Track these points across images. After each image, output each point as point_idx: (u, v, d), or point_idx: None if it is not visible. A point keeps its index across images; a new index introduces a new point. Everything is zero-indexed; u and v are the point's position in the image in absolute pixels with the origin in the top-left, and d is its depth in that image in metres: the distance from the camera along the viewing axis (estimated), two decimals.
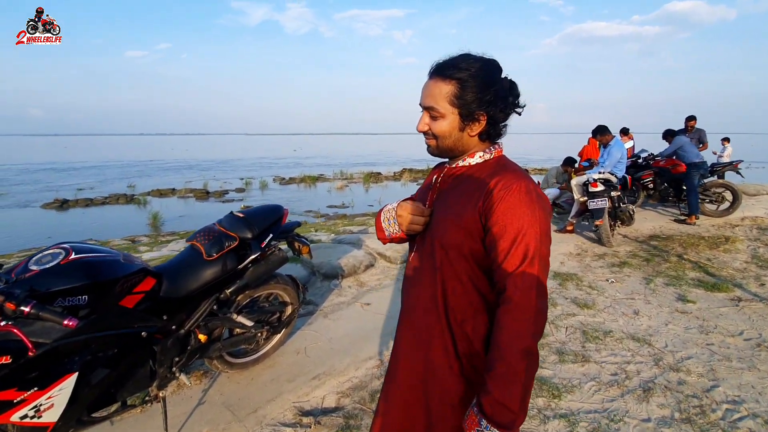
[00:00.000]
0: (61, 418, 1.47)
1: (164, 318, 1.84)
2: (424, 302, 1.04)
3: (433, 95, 0.99)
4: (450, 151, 1.04)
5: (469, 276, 0.97)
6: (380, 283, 3.92)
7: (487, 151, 1.04)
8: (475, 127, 1.00)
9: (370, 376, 2.44)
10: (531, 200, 0.92)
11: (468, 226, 0.95)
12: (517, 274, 0.88)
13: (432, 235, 1.03)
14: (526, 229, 0.89)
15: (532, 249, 0.89)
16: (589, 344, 2.79)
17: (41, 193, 15.66)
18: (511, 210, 0.90)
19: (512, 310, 0.87)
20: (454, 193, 1.02)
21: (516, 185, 0.92)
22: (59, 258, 1.51)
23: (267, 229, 2.25)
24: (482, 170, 1.01)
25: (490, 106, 0.97)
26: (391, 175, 21.09)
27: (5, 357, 1.27)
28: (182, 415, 2.09)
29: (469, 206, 0.96)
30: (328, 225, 7.63)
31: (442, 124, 1.00)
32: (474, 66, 0.97)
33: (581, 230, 5.95)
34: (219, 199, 14.76)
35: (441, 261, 0.99)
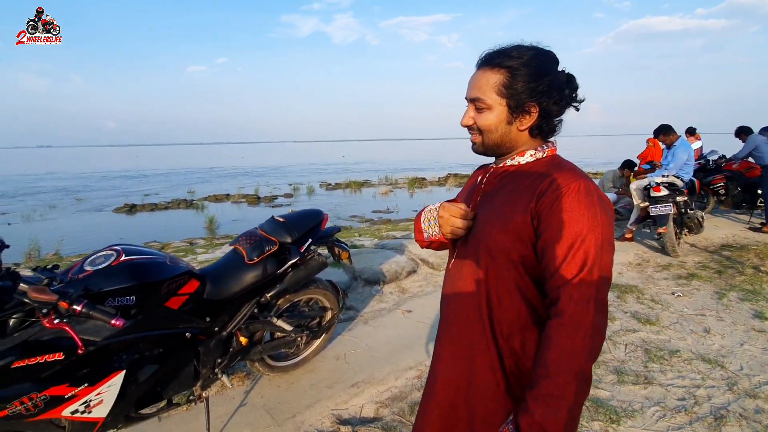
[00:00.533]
0: (110, 414, 1.54)
1: (207, 320, 1.89)
2: (466, 314, 0.95)
3: (479, 86, 0.91)
4: (497, 147, 0.96)
5: (517, 285, 0.89)
6: (422, 290, 3.84)
7: (539, 150, 0.95)
8: (525, 120, 0.92)
9: (410, 386, 2.36)
10: (591, 202, 0.82)
11: (517, 229, 0.86)
12: (573, 284, 0.78)
13: (476, 239, 0.94)
14: (585, 234, 0.80)
15: (591, 257, 0.79)
16: (652, 364, 2.53)
17: (114, 198, 17.10)
18: (568, 212, 0.81)
19: (565, 325, 0.78)
20: (502, 194, 0.93)
21: (574, 185, 0.83)
22: (111, 259, 1.59)
23: (306, 233, 2.26)
24: (534, 169, 0.92)
25: (542, 96, 0.89)
26: (436, 180, 20.88)
27: (58, 354, 1.34)
28: (224, 415, 2.13)
29: (519, 208, 0.87)
30: (371, 230, 7.64)
31: (488, 117, 0.92)
32: (526, 54, 0.89)
33: (642, 238, 5.52)
34: (269, 204, 15.33)
35: (486, 268, 0.91)
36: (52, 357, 1.34)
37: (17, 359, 1.28)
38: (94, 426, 1.52)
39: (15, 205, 15.95)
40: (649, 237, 5.49)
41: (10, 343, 1.30)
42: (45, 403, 1.36)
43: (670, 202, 4.68)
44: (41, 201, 16.81)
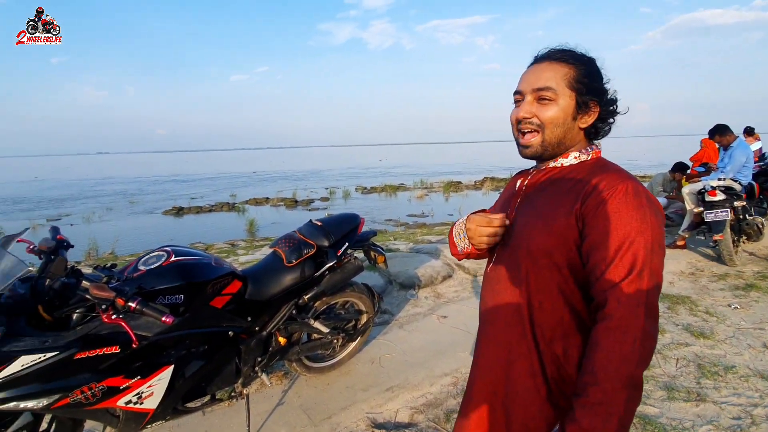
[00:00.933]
0: (159, 406, 1.63)
1: (249, 319, 1.96)
2: (505, 316, 0.94)
3: (547, 76, 0.89)
4: (557, 145, 0.92)
5: (560, 289, 0.86)
6: (458, 296, 3.79)
7: (584, 152, 0.93)
8: (587, 118, 0.91)
9: (445, 393, 2.34)
10: (640, 203, 0.80)
11: (561, 231, 0.84)
12: (622, 287, 0.75)
13: (517, 242, 0.92)
14: (634, 235, 0.77)
15: (641, 259, 0.76)
16: (705, 380, 2.37)
17: (163, 202, 18.10)
18: (616, 213, 0.79)
19: (613, 329, 0.75)
20: (544, 195, 0.92)
21: (622, 185, 0.81)
22: (162, 260, 1.69)
23: (343, 237, 2.29)
24: (578, 171, 0.90)
25: (604, 96, 0.91)
26: (472, 184, 20.57)
27: (115, 347, 1.44)
28: (263, 413, 2.20)
29: (563, 209, 0.85)
30: (406, 234, 7.64)
31: (553, 109, 0.89)
32: (585, 56, 0.92)
33: (695, 246, 5.18)
34: (306, 207, 15.69)
35: (527, 271, 0.89)
36: (109, 350, 1.43)
37: (79, 351, 1.39)
38: (145, 417, 1.61)
39: (77, 207, 17.28)
40: (703, 245, 5.14)
41: (73, 336, 1.41)
42: (102, 393, 1.46)
43: (727, 207, 4.36)
44: (100, 204, 18.12)
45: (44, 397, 1.36)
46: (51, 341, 1.36)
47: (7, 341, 1.30)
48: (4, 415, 1.43)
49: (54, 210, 16.72)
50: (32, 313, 1.42)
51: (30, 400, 1.35)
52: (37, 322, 1.42)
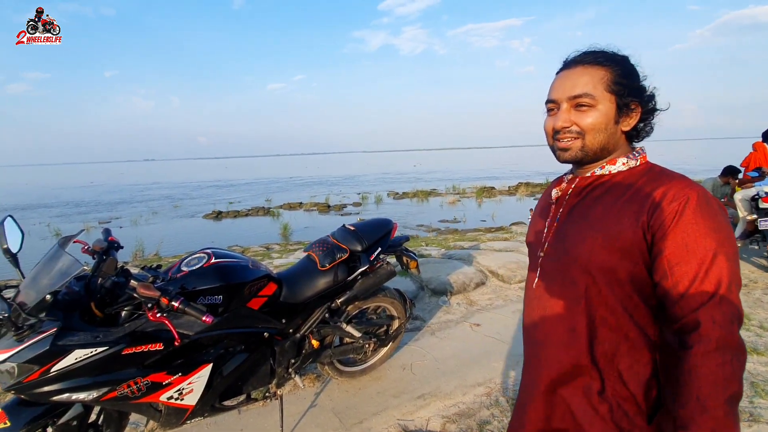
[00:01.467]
0: (198, 402, 1.69)
1: (283, 321, 2.00)
2: (559, 336, 0.88)
3: (583, 82, 0.85)
4: (600, 150, 0.87)
5: (624, 306, 0.81)
6: (491, 303, 3.71)
7: (632, 157, 0.88)
8: (629, 120, 0.87)
9: (478, 404, 2.28)
10: (715, 213, 0.76)
11: (626, 246, 0.79)
12: (713, 305, 0.71)
13: (570, 257, 0.87)
14: (716, 248, 0.73)
15: (726, 272, 0.73)
16: (759, 400, 2.19)
17: (205, 206, 18.90)
18: (694, 226, 0.74)
19: (713, 352, 0.70)
20: (598, 206, 0.85)
21: (693, 195, 0.76)
22: (203, 261, 1.76)
23: (376, 242, 2.30)
24: (632, 178, 0.85)
25: (643, 95, 0.86)
26: (506, 189, 20.14)
27: (159, 344, 1.51)
28: (296, 414, 2.23)
29: (627, 222, 0.80)
30: (438, 240, 7.57)
31: (594, 115, 0.85)
32: (619, 55, 0.87)
33: (748, 255, 4.82)
34: (338, 212, 15.90)
35: (586, 288, 0.84)
36: (154, 347, 1.51)
37: (127, 347, 1.46)
38: (185, 412, 1.67)
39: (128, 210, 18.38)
40: (757, 254, 4.78)
41: (121, 332, 1.49)
42: (147, 388, 1.53)
43: None
44: (148, 207, 19.21)
45: (94, 389, 1.45)
46: (102, 336, 1.45)
47: (63, 335, 1.39)
48: (56, 406, 1.53)
49: (108, 213, 17.88)
50: (85, 309, 1.52)
51: (81, 392, 1.43)
52: (89, 317, 1.52)
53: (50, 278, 1.46)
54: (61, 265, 1.49)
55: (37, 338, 1.34)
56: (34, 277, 1.45)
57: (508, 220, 11.38)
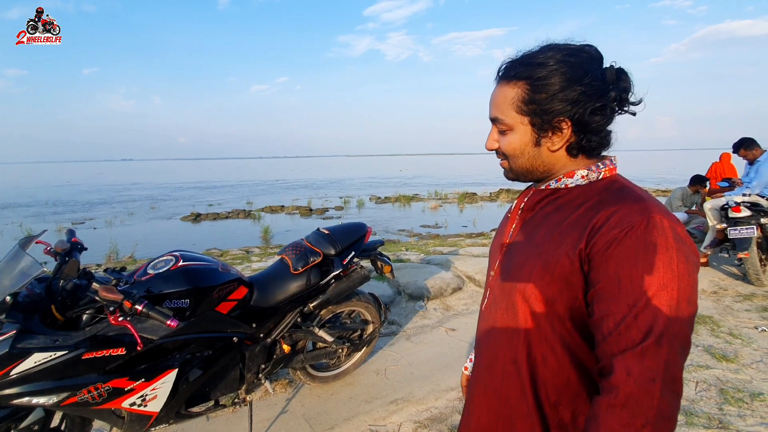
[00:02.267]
0: (163, 409, 1.65)
1: (253, 326, 1.98)
2: (502, 365, 0.79)
3: (497, 103, 0.77)
4: (528, 173, 0.80)
5: (565, 343, 0.72)
6: (467, 308, 3.74)
7: (593, 169, 0.76)
8: (557, 139, 0.75)
9: (450, 408, 2.30)
10: (666, 244, 0.63)
11: (564, 276, 0.69)
12: (633, 355, 0.61)
13: (511, 280, 0.78)
14: (654, 289, 0.62)
15: (661, 320, 0.61)
16: (728, 407, 2.27)
17: (183, 207, 18.52)
18: (631, 258, 0.63)
19: (619, 407, 0.61)
20: (544, 226, 0.76)
21: (641, 219, 0.65)
22: (170, 264, 1.73)
23: (350, 246, 2.31)
24: (585, 195, 0.74)
25: (575, 106, 0.71)
26: (487, 195, 20.42)
27: (121, 349, 1.47)
28: (266, 420, 2.20)
29: (566, 248, 0.70)
30: (419, 244, 7.61)
31: (511, 140, 0.78)
32: (554, 58, 0.72)
33: (718, 263, 5.01)
34: (320, 215, 15.82)
35: (525, 317, 0.75)
36: (115, 351, 1.47)
37: (87, 351, 1.42)
38: (149, 419, 1.64)
39: (106, 211, 17.87)
40: (727, 262, 4.98)
41: (82, 336, 1.45)
42: (108, 394, 1.49)
43: (753, 223, 4.22)
44: (129, 208, 18.73)
45: (54, 394, 1.41)
46: (62, 340, 1.41)
47: (23, 338, 1.35)
48: (18, 410, 1.48)
49: (83, 213, 17.34)
50: (46, 312, 1.47)
51: (41, 396, 1.39)
52: (50, 320, 1.47)
53: (10, 279, 1.42)
54: (21, 266, 1.44)
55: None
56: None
57: (489, 226, 11.53)
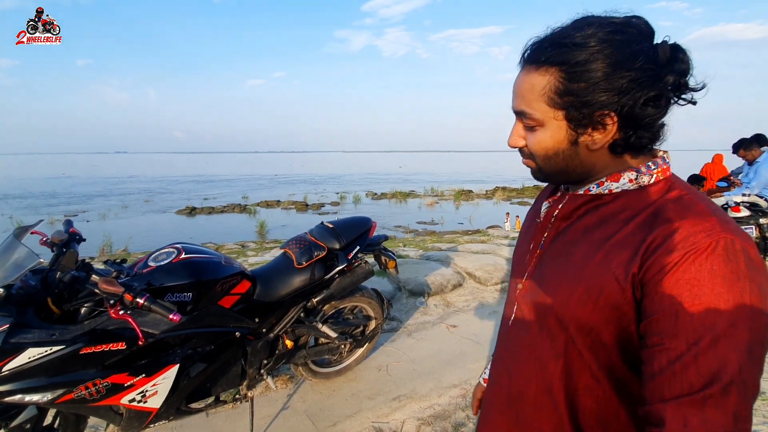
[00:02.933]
0: (163, 405, 1.61)
1: (256, 320, 1.93)
2: (534, 395, 0.69)
3: (522, 94, 0.63)
4: (562, 174, 0.67)
5: (613, 376, 0.61)
6: (468, 305, 3.72)
7: (643, 171, 0.62)
8: (598, 136, 0.61)
9: (453, 405, 2.27)
10: (738, 272, 0.51)
11: (611, 304, 0.58)
12: (692, 402, 0.49)
13: (546, 303, 0.66)
14: (722, 326, 0.50)
15: (731, 366, 0.49)
16: None
17: (179, 201, 18.36)
18: (694, 287, 0.51)
19: None
20: (584, 242, 0.63)
21: (708, 240, 0.52)
22: (172, 257, 1.68)
23: (354, 240, 2.26)
24: (635, 205, 0.61)
25: (623, 97, 0.57)
26: (483, 193, 20.44)
27: (121, 343, 1.42)
28: (267, 417, 2.16)
29: (614, 271, 0.58)
30: (416, 241, 7.58)
31: (541, 137, 0.64)
32: (595, 36, 0.58)
33: None
34: (316, 211, 15.76)
35: (565, 344, 0.64)
36: (115, 346, 1.42)
37: (85, 346, 1.37)
38: (149, 415, 1.59)
39: (103, 203, 17.67)
40: None
41: (80, 330, 1.39)
42: (107, 390, 1.44)
43: (751, 224, 4.23)
44: (127, 201, 18.54)
45: (49, 391, 1.35)
46: (58, 334, 1.35)
47: (16, 332, 1.29)
48: (9, 408, 1.42)
49: (80, 205, 17.14)
50: (41, 305, 1.42)
51: (35, 393, 1.34)
52: (45, 314, 1.42)
53: (4, 271, 1.36)
54: (16, 257, 1.39)
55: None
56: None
57: (485, 223, 11.54)
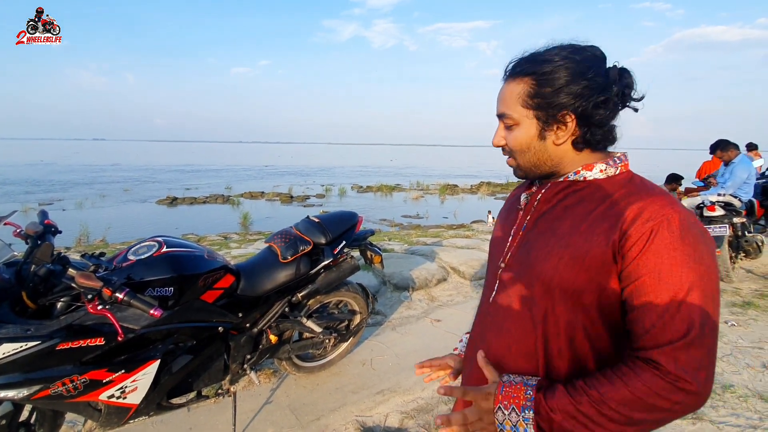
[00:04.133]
0: (143, 401, 1.58)
1: (240, 315, 1.91)
2: (516, 361, 0.79)
3: (503, 99, 0.80)
4: (536, 168, 0.81)
5: (586, 333, 0.73)
6: (452, 299, 3.75)
7: (611, 164, 0.78)
8: (561, 132, 0.77)
9: (437, 399, 2.30)
10: (696, 241, 0.67)
11: (594, 266, 0.70)
12: (680, 348, 0.63)
13: (532, 274, 0.77)
14: (693, 282, 0.65)
15: (700, 313, 0.64)
16: None
17: (158, 191, 17.95)
18: (669, 253, 0.66)
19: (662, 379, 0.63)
20: (568, 217, 0.76)
21: (673, 216, 0.67)
22: (153, 250, 1.64)
23: (341, 235, 2.25)
24: (608, 189, 0.75)
25: (579, 99, 0.73)
26: (468, 188, 20.60)
27: (99, 339, 1.38)
28: (250, 411, 2.15)
29: (598, 238, 0.70)
30: (401, 234, 7.60)
31: (517, 135, 0.79)
32: (559, 54, 0.75)
33: None
34: (301, 203, 15.63)
35: (546, 311, 0.75)
36: (93, 342, 1.38)
37: (62, 341, 1.33)
38: (128, 411, 1.56)
39: (76, 192, 17.10)
40: None
41: (56, 326, 1.35)
42: (84, 386, 1.40)
43: (725, 223, 4.37)
44: (98, 190, 17.99)
45: (25, 387, 1.31)
46: (34, 330, 1.31)
47: None
48: None
49: (56, 194, 16.59)
50: (16, 299, 1.37)
51: (10, 389, 1.30)
52: (20, 309, 1.37)
53: None
54: None
55: None
56: None
57: (469, 218, 11.64)
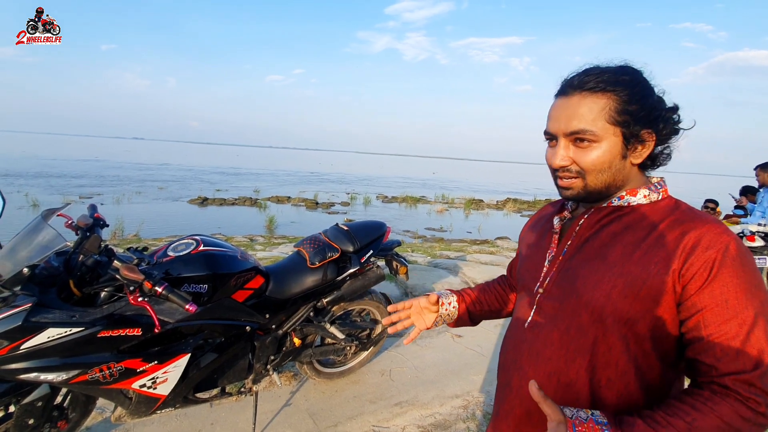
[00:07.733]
0: (171, 393, 1.63)
1: (267, 316, 1.95)
2: (554, 390, 0.77)
3: (580, 114, 0.73)
4: (605, 189, 0.76)
5: (637, 365, 0.71)
6: None
7: (653, 189, 0.77)
8: (641, 151, 0.74)
9: (455, 416, 2.27)
10: (753, 267, 0.67)
11: (652, 295, 0.68)
12: (757, 375, 0.63)
13: (580, 301, 0.74)
14: (758, 309, 0.65)
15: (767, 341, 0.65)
16: None
17: (190, 191, 18.58)
18: (733, 281, 0.65)
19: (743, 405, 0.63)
20: (617, 244, 0.73)
21: (731, 243, 0.67)
22: (191, 248, 1.71)
23: (368, 244, 2.28)
24: (655, 216, 0.73)
25: (658, 120, 0.73)
26: (494, 203, 20.34)
27: (137, 329, 1.45)
28: (269, 412, 2.18)
29: (654, 267, 0.68)
30: (424, 247, 7.58)
31: (597, 153, 0.73)
32: (637, 74, 0.74)
33: None
34: (326, 210, 15.82)
35: (596, 340, 0.72)
36: (132, 332, 1.45)
37: (103, 329, 1.40)
38: (157, 402, 1.62)
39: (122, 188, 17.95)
40: None
41: (99, 314, 1.42)
42: (120, 374, 1.47)
43: (765, 254, 4.16)
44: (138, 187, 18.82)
45: (64, 371, 1.38)
46: (78, 316, 1.39)
47: (38, 311, 1.32)
48: (22, 385, 1.45)
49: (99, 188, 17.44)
50: (63, 286, 1.45)
51: (51, 372, 1.37)
52: (66, 295, 1.45)
53: (29, 251, 1.39)
54: (42, 239, 1.42)
55: (10, 312, 1.27)
56: (12, 248, 1.38)
57: (494, 234, 11.48)
